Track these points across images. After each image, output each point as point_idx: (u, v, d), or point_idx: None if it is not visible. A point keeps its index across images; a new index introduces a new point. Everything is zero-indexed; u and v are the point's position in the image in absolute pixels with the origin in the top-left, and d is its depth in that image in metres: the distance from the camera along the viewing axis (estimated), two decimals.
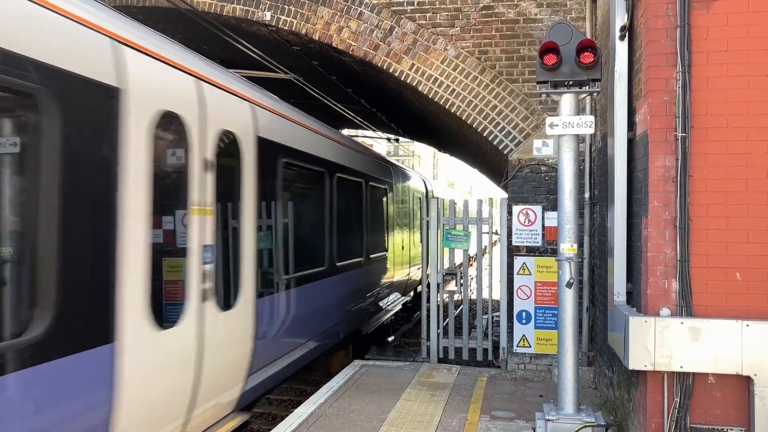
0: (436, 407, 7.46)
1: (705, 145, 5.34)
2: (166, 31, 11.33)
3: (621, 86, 6.20)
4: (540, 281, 9.15)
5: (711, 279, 5.30)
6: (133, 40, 4.67)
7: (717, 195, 5.31)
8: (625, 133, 6.15)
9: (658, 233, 5.40)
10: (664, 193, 5.39)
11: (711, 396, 5.29)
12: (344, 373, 9.08)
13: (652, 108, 5.44)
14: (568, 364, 6.06)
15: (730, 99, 5.31)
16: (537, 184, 9.20)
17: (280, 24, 9.71)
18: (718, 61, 5.34)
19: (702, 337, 5.14)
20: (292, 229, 7.64)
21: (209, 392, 5.58)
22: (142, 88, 4.65)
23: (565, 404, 6.04)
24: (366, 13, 9.51)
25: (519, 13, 9.28)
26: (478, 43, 9.38)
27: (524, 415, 7.18)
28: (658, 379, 5.37)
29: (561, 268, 6.10)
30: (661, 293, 5.37)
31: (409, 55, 9.45)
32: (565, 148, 6.12)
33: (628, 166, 6.15)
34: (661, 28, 5.45)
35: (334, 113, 16.08)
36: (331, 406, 7.44)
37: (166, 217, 5.07)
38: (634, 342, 5.26)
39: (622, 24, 6.15)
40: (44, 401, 3.66)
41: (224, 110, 5.92)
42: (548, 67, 5.90)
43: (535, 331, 9.20)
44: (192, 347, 5.22)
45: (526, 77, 9.24)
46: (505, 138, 9.30)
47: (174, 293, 5.12)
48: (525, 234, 9.16)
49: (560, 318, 6.13)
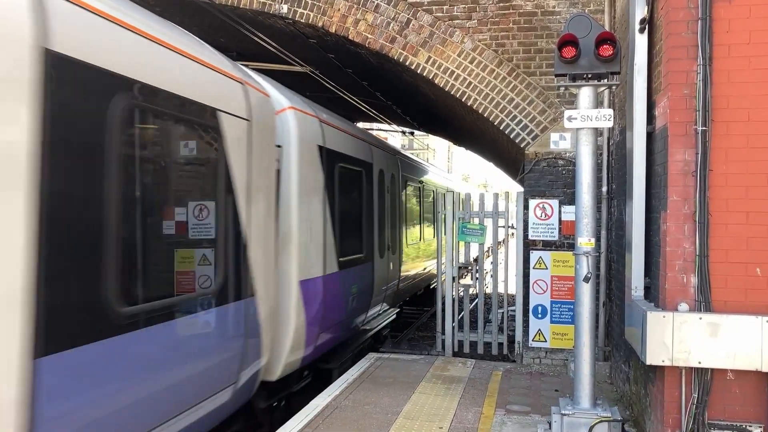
0: (452, 400, 7.47)
1: (725, 139, 5.28)
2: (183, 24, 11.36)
3: (640, 79, 6.14)
4: (556, 275, 9.11)
5: (730, 274, 5.25)
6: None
7: (737, 189, 5.25)
8: (644, 126, 6.10)
9: (677, 228, 5.36)
10: (683, 187, 5.34)
11: (729, 392, 5.25)
12: (359, 366, 9.11)
13: (672, 101, 5.39)
14: (585, 359, 6.03)
15: (751, 92, 5.25)
16: (554, 178, 9.15)
17: (297, 16, 9.71)
18: (740, 53, 5.27)
19: (721, 332, 5.09)
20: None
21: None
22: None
23: (582, 398, 6.02)
24: (382, 6, 9.48)
25: (537, 5, 9.21)
26: (495, 36, 9.33)
27: (539, 409, 7.17)
28: (675, 374, 5.33)
29: (578, 263, 6.08)
30: (679, 288, 5.33)
31: (426, 47, 9.42)
32: (583, 141, 6.08)
33: (647, 159, 6.10)
34: (681, 20, 5.38)
35: (349, 106, 16.08)
36: (347, 398, 7.47)
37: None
38: (651, 337, 5.23)
39: (641, 16, 6.09)
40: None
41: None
42: (567, 59, 5.86)
43: (551, 325, 9.17)
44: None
45: (543, 70, 9.18)
46: (522, 131, 9.25)
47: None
48: (541, 228, 9.12)
49: (577, 312, 6.10)
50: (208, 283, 5.41)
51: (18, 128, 3.37)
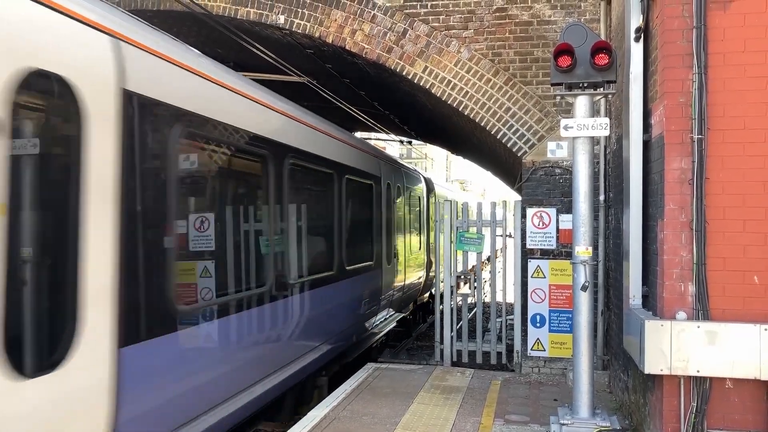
0: (450, 410, 7.43)
1: (722, 147, 5.28)
2: (181, 35, 11.40)
3: (636, 88, 6.15)
4: (554, 284, 9.10)
5: (728, 282, 5.24)
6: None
7: (734, 197, 5.25)
8: (641, 135, 6.10)
9: (674, 236, 5.35)
10: (680, 195, 5.34)
11: (728, 401, 5.23)
12: (357, 376, 9.07)
13: (668, 110, 5.40)
14: (584, 368, 6.02)
15: (747, 100, 5.26)
16: (551, 187, 9.15)
17: (294, 27, 9.74)
18: (735, 62, 5.29)
19: (719, 341, 5.08)
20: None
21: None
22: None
23: (580, 408, 6.00)
24: (379, 16, 9.51)
25: (533, 15, 9.25)
26: (491, 45, 9.36)
27: (538, 418, 7.14)
28: (674, 383, 5.32)
29: (576, 271, 6.07)
30: (677, 296, 5.32)
31: (423, 57, 9.44)
32: (579, 150, 6.09)
33: (643, 168, 6.10)
34: (677, 29, 5.40)
35: (347, 116, 16.10)
36: (345, 409, 7.43)
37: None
38: (650, 346, 5.22)
39: (637, 25, 6.11)
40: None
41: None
42: (563, 68, 5.87)
43: (550, 334, 9.15)
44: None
45: (539, 79, 9.20)
46: (518, 140, 9.26)
47: None
48: (539, 237, 9.12)
49: (575, 321, 6.09)
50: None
51: (106, 155, 4.16)
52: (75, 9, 4.01)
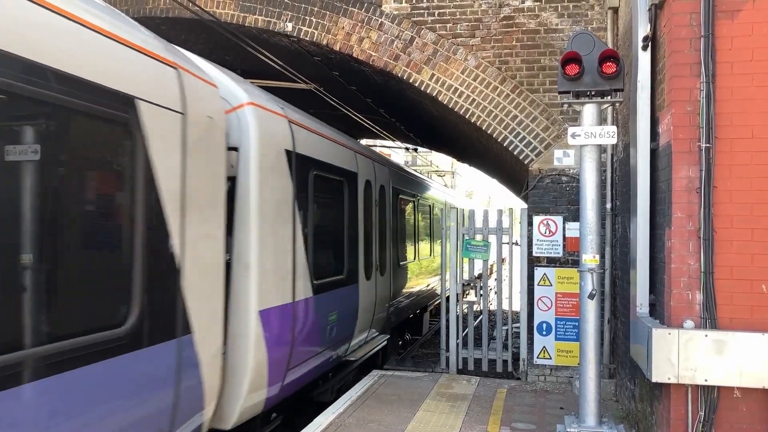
0: (456, 418, 7.42)
1: (729, 156, 5.28)
2: (189, 42, 11.47)
3: (644, 96, 6.16)
4: (561, 292, 9.08)
5: (736, 291, 5.23)
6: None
7: (742, 206, 5.25)
8: (648, 143, 6.11)
9: (682, 244, 5.35)
10: (687, 204, 5.34)
11: (736, 410, 5.21)
12: (363, 383, 9.07)
13: (676, 118, 5.41)
14: (590, 376, 6.00)
15: (755, 109, 5.26)
16: (558, 195, 9.15)
17: (302, 35, 9.78)
18: (743, 71, 5.30)
19: (727, 350, 5.07)
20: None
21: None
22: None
23: (587, 416, 5.98)
24: (386, 24, 9.56)
25: (540, 23, 9.27)
26: (498, 53, 9.38)
27: (544, 427, 7.12)
28: (681, 392, 5.30)
29: (583, 279, 6.06)
30: (684, 305, 5.31)
31: (430, 65, 9.47)
32: (587, 158, 6.09)
33: (650, 176, 6.10)
34: (684, 38, 5.41)
35: (354, 123, 16.14)
36: (350, 416, 7.43)
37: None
38: (657, 354, 5.21)
39: (644, 34, 6.12)
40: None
41: None
42: (570, 77, 5.89)
43: (556, 342, 9.13)
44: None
45: (546, 87, 9.21)
46: (525, 148, 9.27)
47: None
48: (546, 244, 9.11)
49: (582, 329, 6.08)
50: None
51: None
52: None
